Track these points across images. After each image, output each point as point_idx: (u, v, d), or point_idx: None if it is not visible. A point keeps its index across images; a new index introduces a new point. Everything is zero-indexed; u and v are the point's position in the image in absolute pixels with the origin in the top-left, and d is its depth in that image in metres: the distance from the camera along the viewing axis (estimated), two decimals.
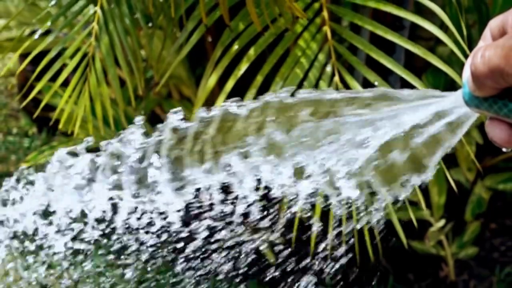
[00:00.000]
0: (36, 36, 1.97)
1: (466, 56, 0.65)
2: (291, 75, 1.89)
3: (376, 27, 1.89)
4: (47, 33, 1.99)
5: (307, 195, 0.84)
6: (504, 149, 0.70)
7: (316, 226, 1.83)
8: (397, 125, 0.73)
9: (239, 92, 1.65)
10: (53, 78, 1.92)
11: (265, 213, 1.03)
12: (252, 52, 1.90)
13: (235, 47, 1.90)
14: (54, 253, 1.15)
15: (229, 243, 1.62)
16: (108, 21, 1.90)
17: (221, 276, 2.11)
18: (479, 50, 0.65)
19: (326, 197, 0.85)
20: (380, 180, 0.77)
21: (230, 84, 1.86)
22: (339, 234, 1.62)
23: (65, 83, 1.95)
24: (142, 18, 1.92)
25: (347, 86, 1.88)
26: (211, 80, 1.88)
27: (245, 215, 0.98)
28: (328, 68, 1.91)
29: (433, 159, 0.75)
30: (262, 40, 1.91)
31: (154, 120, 1.94)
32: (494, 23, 0.68)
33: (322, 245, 1.75)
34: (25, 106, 2.19)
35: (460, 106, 0.70)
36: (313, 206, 0.91)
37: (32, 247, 1.19)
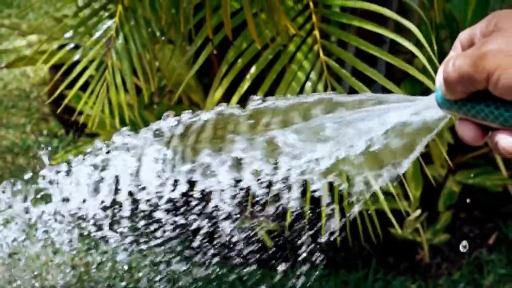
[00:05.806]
0: (66, 48, 1.97)
1: (437, 70, 0.65)
2: (289, 89, 1.89)
3: (360, 43, 1.89)
4: (77, 47, 1.99)
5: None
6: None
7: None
8: (381, 124, 0.74)
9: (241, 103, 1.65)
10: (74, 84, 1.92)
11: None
12: (253, 70, 1.91)
13: (238, 64, 1.91)
14: None
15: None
16: (124, 25, 1.89)
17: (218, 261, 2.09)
18: (451, 59, 0.65)
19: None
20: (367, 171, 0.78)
21: (234, 100, 1.86)
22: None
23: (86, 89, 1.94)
24: (157, 29, 1.92)
25: None
26: (217, 94, 1.89)
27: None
28: (321, 81, 1.91)
29: (410, 154, 0.76)
30: (262, 59, 1.92)
31: None
32: (463, 35, 0.69)
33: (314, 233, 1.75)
34: (55, 110, 2.19)
35: (433, 108, 0.70)
36: (303, 193, 0.91)
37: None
